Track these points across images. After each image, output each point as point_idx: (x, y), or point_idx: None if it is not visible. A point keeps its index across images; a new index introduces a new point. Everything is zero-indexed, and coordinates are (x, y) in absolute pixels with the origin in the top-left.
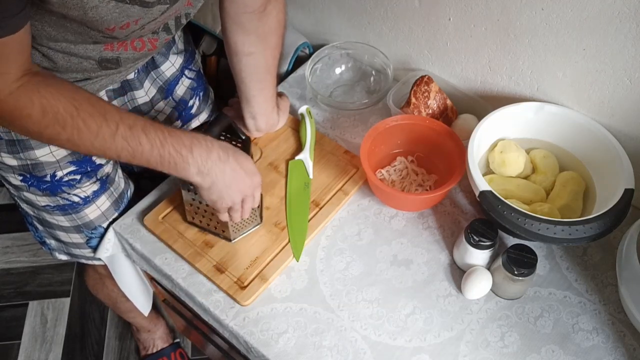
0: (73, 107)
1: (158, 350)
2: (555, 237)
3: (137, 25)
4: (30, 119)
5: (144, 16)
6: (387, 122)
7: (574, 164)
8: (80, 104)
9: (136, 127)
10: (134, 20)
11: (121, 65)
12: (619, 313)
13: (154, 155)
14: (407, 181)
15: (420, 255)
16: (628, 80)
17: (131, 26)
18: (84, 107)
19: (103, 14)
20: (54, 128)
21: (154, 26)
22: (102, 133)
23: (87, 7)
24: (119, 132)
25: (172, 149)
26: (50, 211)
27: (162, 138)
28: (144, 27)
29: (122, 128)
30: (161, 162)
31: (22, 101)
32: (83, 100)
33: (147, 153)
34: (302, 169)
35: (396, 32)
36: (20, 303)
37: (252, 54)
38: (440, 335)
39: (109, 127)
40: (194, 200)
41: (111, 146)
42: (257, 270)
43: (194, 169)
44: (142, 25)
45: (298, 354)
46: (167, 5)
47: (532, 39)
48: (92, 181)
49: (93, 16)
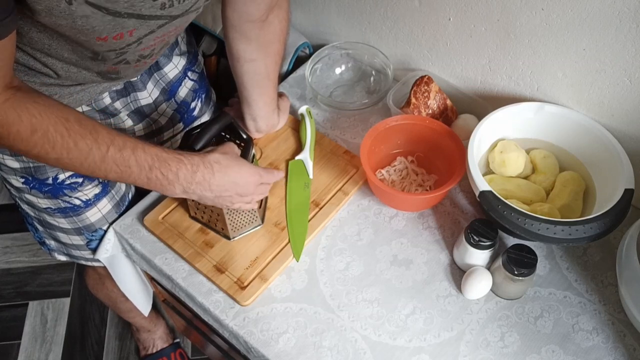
0: (64, 128)
1: (158, 350)
2: (555, 237)
3: (132, 37)
4: (19, 135)
5: (139, 27)
6: (387, 122)
7: (574, 164)
8: (71, 124)
9: (126, 149)
10: (129, 32)
11: (121, 75)
12: (619, 313)
13: (142, 178)
14: (407, 181)
15: (420, 255)
16: (628, 80)
17: (125, 37)
18: (75, 127)
19: (94, 23)
20: (43, 147)
21: (153, 42)
22: (93, 155)
23: (75, 15)
24: (109, 154)
25: (159, 173)
26: (52, 213)
27: (150, 162)
28: (141, 41)
29: (112, 150)
30: (147, 184)
31: (11, 117)
32: (73, 120)
33: (134, 175)
34: (302, 169)
35: (396, 32)
36: (20, 303)
37: (254, 60)
38: (440, 335)
39: (100, 149)
40: None
41: (100, 167)
42: (257, 271)
43: (179, 189)
44: (139, 37)
45: (298, 354)
46: (165, 21)
47: (532, 39)
48: (93, 184)
49: (83, 25)
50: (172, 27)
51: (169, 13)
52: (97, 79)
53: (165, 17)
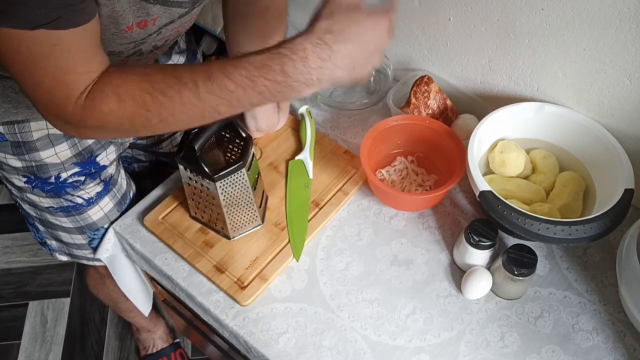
0: (146, 83)
1: (158, 350)
2: (555, 237)
3: (155, 25)
4: (112, 114)
5: (162, 15)
6: (387, 122)
7: (574, 164)
8: (150, 75)
9: (214, 75)
10: (152, 20)
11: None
12: (619, 313)
13: (253, 96)
14: (407, 181)
15: (420, 255)
16: (628, 80)
17: (149, 26)
18: (155, 76)
19: (121, 7)
20: (140, 115)
21: (170, 32)
22: (187, 98)
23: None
24: (201, 88)
25: (266, 82)
26: (54, 212)
27: (248, 75)
28: (161, 31)
29: (202, 84)
30: (265, 99)
31: (97, 98)
32: (153, 72)
33: (243, 98)
34: (302, 169)
35: (396, 32)
36: (20, 303)
37: None
38: (440, 335)
39: (188, 87)
40: (194, 194)
41: (205, 106)
42: (257, 271)
43: (302, 87)
44: (159, 27)
45: (298, 354)
46: (186, 9)
47: (532, 39)
48: (95, 182)
49: (118, 10)
50: (189, 18)
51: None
52: None
53: (186, 5)
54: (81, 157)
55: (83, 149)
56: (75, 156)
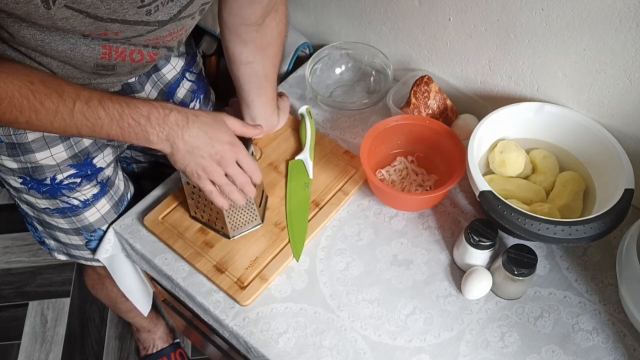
0: (28, 91)
1: (158, 350)
2: (555, 237)
3: (119, 36)
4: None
5: (125, 30)
6: (387, 122)
7: (574, 164)
8: (36, 86)
9: (93, 101)
10: (114, 32)
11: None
12: (619, 313)
13: (114, 128)
14: (407, 181)
15: (420, 255)
16: (628, 80)
17: (110, 35)
18: (40, 88)
19: (75, 24)
20: (12, 113)
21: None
22: (60, 112)
23: (55, 18)
24: (77, 108)
25: (130, 120)
26: (50, 213)
27: (119, 110)
28: (130, 40)
29: (79, 104)
30: (122, 134)
31: None
32: (38, 82)
33: (106, 126)
34: (302, 169)
35: (396, 32)
36: (20, 303)
37: (251, 63)
38: (440, 335)
39: (66, 105)
40: (194, 193)
41: (70, 123)
42: (257, 271)
43: (154, 137)
44: (127, 37)
45: (298, 354)
46: (154, 27)
47: (532, 39)
48: (92, 184)
49: (63, 25)
50: (166, 33)
51: (156, 19)
52: (93, 76)
53: (153, 24)
54: (77, 159)
55: (79, 151)
56: (71, 158)
